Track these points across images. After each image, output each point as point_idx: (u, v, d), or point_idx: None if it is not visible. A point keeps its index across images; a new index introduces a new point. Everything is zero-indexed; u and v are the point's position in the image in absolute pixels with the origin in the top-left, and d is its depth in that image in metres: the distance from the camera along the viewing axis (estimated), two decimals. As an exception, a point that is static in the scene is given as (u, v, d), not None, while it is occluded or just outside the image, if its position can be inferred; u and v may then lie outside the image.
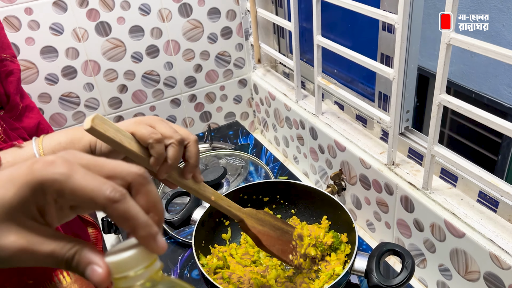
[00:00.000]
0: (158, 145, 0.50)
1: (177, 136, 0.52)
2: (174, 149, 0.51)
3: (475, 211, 0.80)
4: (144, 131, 0.50)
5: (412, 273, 0.66)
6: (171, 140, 0.51)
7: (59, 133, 0.53)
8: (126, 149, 0.49)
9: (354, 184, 1.06)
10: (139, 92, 1.27)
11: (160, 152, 0.50)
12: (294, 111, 1.21)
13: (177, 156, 0.52)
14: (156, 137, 0.50)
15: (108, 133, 0.46)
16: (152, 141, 0.49)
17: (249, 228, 0.64)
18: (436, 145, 0.81)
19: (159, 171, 0.52)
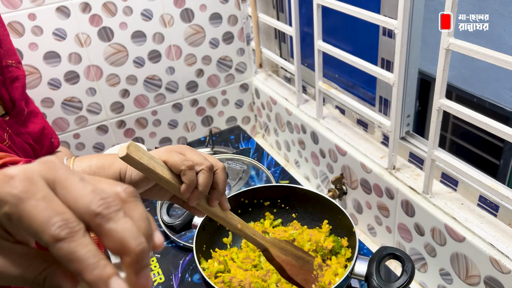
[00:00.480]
0: (190, 172, 0.51)
1: (207, 163, 0.53)
2: (204, 176, 0.52)
3: (476, 215, 0.80)
4: (177, 158, 0.51)
5: (412, 277, 0.66)
6: (202, 167, 0.52)
7: (92, 157, 0.54)
8: (159, 176, 0.50)
9: (355, 189, 1.06)
10: (141, 96, 1.28)
11: (192, 179, 0.51)
12: (295, 115, 1.22)
13: (208, 182, 0.53)
14: (188, 164, 0.51)
15: (142, 160, 0.48)
16: (184, 168, 0.51)
17: (274, 258, 0.64)
18: (436, 150, 0.81)
19: (189, 198, 0.53)
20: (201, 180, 0.52)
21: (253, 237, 0.62)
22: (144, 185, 0.54)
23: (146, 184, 0.54)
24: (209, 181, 0.53)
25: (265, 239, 0.64)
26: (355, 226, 0.77)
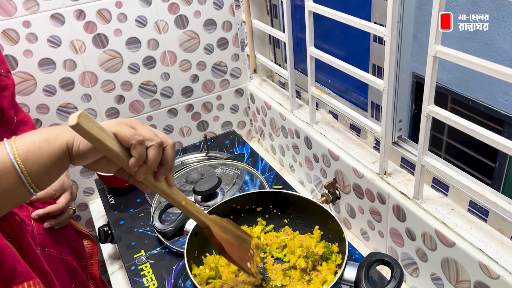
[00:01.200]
0: (140, 146, 0.52)
1: (157, 139, 0.53)
2: (154, 151, 0.53)
3: (465, 221, 0.81)
4: (127, 132, 0.51)
5: (400, 282, 0.66)
6: (152, 143, 0.53)
7: (32, 133, 0.54)
8: (108, 148, 0.50)
9: (348, 193, 1.06)
10: (136, 102, 1.29)
11: (142, 154, 0.52)
12: (289, 120, 1.22)
13: (157, 158, 0.54)
14: (138, 138, 0.51)
15: (92, 131, 0.47)
16: (134, 142, 0.51)
17: (213, 235, 0.65)
18: (426, 155, 0.82)
19: (137, 172, 0.53)
20: (150, 155, 0.53)
21: (195, 214, 0.63)
22: (92, 156, 0.53)
23: (94, 155, 0.53)
24: (158, 157, 0.53)
25: (207, 217, 0.65)
26: (346, 232, 0.78)
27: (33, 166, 0.51)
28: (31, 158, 0.51)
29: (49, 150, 0.51)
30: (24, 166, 0.50)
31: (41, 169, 0.51)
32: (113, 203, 1.16)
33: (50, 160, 0.51)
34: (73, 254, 0.95)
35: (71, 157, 0.53)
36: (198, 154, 1.31)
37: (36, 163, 0.51)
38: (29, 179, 0.51)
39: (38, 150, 0.51)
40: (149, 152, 0.53)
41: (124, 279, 1.04)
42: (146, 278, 0.92)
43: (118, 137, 0.51)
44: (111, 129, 0.52)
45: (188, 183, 1.15)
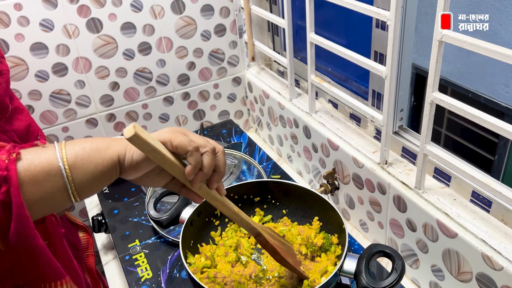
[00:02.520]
0: (196, 153, 0.51)
1: (210, 145, 0.53)
2: (209, 157, 0.52)
3: (468, 211, 0.79)
4: (183, 138, 0.51)
5: (402, 275, 0.64)
6: (206, 149, 0.52)
7: (84, 140, 0.52)
8: (165, 158, 0.49)
9: (347, 184, 1.04)
10: (131, 89, 1.26)
11: (198, 160, 0.51)
12: (288, 109, 1.20)
13: (212, 164, 0.53)
14: (194, 145, 0.51)
15: (149, 140, 0.47)
16: (191, 149, 0.51)
17: (267, 241, 0.65)
18: (429, 144, 0.80)
19: (193, 180, 0.53)
20: (205, 161, 0.52)
21: (247, 221, 0.62)
22: (145, 167, 0.52)
23: (146, 166, 0.52)
24: (213, 163, 0.53)
25: (256, 224, 0.65)
26: (346, 223, 0.76)
27: (79, 174, 0.49)
28: (79, 165, 0.49)
29: (98, 159, 0.50)
30: (71, 172, 0.48)
31: (87, 178, 0.49)
32: (107, 192, 1.13)
33: (97, 170, 0.50)
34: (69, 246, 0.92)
35: (122, 169, 0.52)
36: (195, 143, 1.29)
37: (82, 171, 0.49)
38: (72, 186, 0.49)
39: (87, 157, 0.49)
40: (204, 158, 0.52)
41: (118, 269, 1.02)
42: (140, 268, 0.90)
43: (174, 144, 0.50)
44: (166, 136, 0.51)
45: (184, 172, 1.12)
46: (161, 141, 0.51)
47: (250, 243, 0.83)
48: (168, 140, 0.51)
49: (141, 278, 0.88)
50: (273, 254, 0.67)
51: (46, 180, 0.47)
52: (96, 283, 0.97)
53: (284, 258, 0.67)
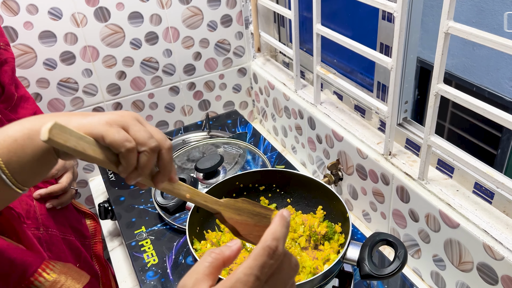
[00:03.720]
0: (130, 154, 0.46)
1: (151, 143, 0.47)
2: (146, 158, 0.47)
3: (470, 202, 0.80)
4: (117, 136, 0.45)
5: (404, 263, 0.66)
6: (144, 148, 0.47)
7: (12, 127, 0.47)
8: (91, 157, 0.45)
9: (351, 174, 1.05)
10: (137, 79, 1.27)
11: (131, 162, 0.46)
12: (293, 100, 1.21)
13: (149, 164, 0.48)
14: (128, 146, 0.45)
15: (68, 143, 0.42)
16: (124, 151, 0.45)
17: (225, 220, 0.61)
18: (433, 136, 0.81)
19: (127, 178, 0.48)
20: (141, 161, 0.47)
21: (204, 203, 0.59)
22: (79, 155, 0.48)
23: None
24: (151, 162, 0.48)
25: (218, 202, 0.61)
26: (349, 212, 0.77)
27: (16, 167, 0.47)
28: (13, 159, 0.46)
29: (32, 148, 0.47)
30: (7, 167, 0.46)
31: (26, 169, 0.47)
32: (113, 180, 1.15)
33: (34, 159, 0.47)
34: (76, 234, 0.94)
35: (58, 153, 0.48)
36: (200, 133, 1.30)
37: (19, 164, 0.47)
38: (13, 181, 0.47)
39: (20, 149, 0.47)
40: (141, 158, 0.47)
41: (124, 256, 1.04)
42: (146, 254, 0.92)
43: (106, 141, 0.45)
44: (98, 130, 0.45)
45: (190, 161, 1.14)
46: (92, 135, 0.45)
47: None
48: (100, 135, 0.45)
49: (147, 264, 0.90)
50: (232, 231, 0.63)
51: None
52: (104, 269, 0.98)
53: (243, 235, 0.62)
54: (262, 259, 0.39)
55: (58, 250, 0.80)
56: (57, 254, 0.79)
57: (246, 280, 0.38)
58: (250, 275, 0.38)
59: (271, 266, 0.39)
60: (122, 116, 0.47)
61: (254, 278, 0.38)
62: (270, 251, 0.39)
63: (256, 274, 0.38)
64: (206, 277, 0.40)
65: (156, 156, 0.49)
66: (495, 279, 0.73)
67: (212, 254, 0.41)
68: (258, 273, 0.38)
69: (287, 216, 0.42)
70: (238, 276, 0.38)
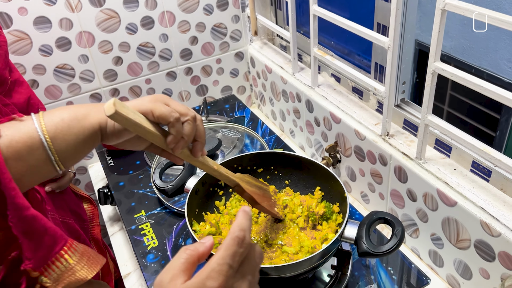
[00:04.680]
0: (177, 123, 0.52)
1: (191, 113, 0.54)
2: (190, 126, 0.53)
3: (468, 180, 0.80)
4: (164, 109, 0.51)
5: (401, 240, 0.66)
6: (187, 117, 0.53)
7: (61, 109, 0.52)
8: (146, 130, 0.51)
9: (349, 156, 1.06)
10: (134, 64, 1.26)
11: (179, 130, 0.53)
12: (291, 84, 1.21)
13: (193, 132, 0.54)
14: (176, 116, 0.51)
15: (129, 116, 0.48)
16: (172, 120, 0.51)
17: (244, 190, 0.68)
18: (430, 115, 0.81)
19: (175, 148, 0.54)
20: (186, 130, 0.53)
21: (226, 175, 0.66)
22: (126, 135, 0.54)
23: (128, 134, 0.54)
24: (194, 131, 0.54)
25: (235, 175, 0.68)
26: (347, 192, 0.77)
27: (61, 144, 0.49)
28: (59, 136, 0.49)
29: (79, 128, 0.50)
30: (53, 143, 0.49)
31: (70, 148, 0.50)
32: (112, 166, 1.15)
33: (79, 139, 0.51)
34: (75, 217, 0.94)
35: (104, 136, 0.53)
36: (198, 118, 1.30)
37: (64, 141, 0.50)
38: (56, 157, 0.50)
39: (67, 128, 0.50)
40: (185, 127, 0.53)
41: (125, 240, 1.04)
42: (146, 237, 0.93)
43: (156, 115, 0.51)
44: (147, 106, 0.51)
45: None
46: (142, 112, 0.51)
47: (253, 211, 0.85)
48: (149, 110, 0.51)
49: (147, 247, 0.90)
50: (250, 201, 0.70)
51: (30, 154, 0.48)
52: (103, 252, 0.99)
53: (260, 203, 0.71)
54: (233, 248, 0.43)
55: None
56: None
57: (220, 269, 0.41)
58: (223, 264, 0.42)
59: (241, 255, 0.44)
60: (160, 95, 0.54)
61: (227, 267, 0.42)
62: (239, 240, 0.43)
63: (229, 263, 0.42)
64: (182, 273, 0.42)
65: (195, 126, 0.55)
66: (492, 255, 0.74)
67: (187, 251, 0.44)
68: (230, 261, 0.42)
69: (248, 211, 0.47)
70: (213, 266, 0.42)
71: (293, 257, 0.75)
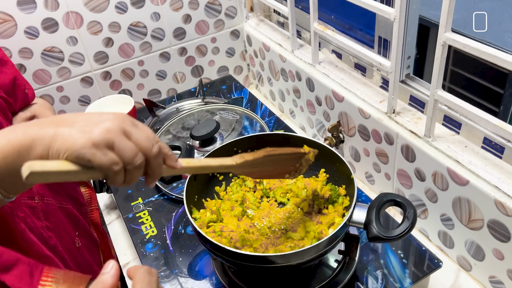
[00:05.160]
0: (117, 176, 0.45)
1: (137, 160, 0.46)
2: (132, 176, 0.47)
3: (480, 158, 0.76)
4: (104, 160, 0.44)
5: (414, 223, 0.63)
6: (130, 167, 0.46)
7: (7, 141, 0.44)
8: (77, 177, 0.44)
9: (353, 136, 1.02)
10: (125, 45, 1.21)
11: (119, 181, 0.46)
12: (290, 61, 1.15)
13: (135, 179, 0.48)
14: (116, 169, 0.45)
15: (50, 179, 0.43)
16: (111, 174, 0.45)
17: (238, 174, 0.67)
18: (440, 90, 0.76)
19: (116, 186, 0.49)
20: (128, 178, 0.47)
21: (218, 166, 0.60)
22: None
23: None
24: (137, 177, 0.48)
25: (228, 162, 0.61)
26: (354, 174, 0.73)
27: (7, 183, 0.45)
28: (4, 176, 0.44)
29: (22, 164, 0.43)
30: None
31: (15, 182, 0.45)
32: (106, 152, 1.10)
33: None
34: (72, 201, 0.90)
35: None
36: (194, 100, 1.25)
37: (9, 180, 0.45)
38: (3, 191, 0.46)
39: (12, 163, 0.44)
40: (127, 175, 0.46)
41: (122, 229, 1.01)
42: (144, 226, 0.89)
43: (93, 165, 0.44)
44: (84, 155, 0.43)
45: (185, 129, 1.09)
46: (78, 160, 0.44)
47: (255, 197, 0.81)
48: (86, 160, 0.43)
49: (146, 236, 0.87)
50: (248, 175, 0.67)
51: None
52: (103, 237, 0.96)
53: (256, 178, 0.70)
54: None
55: (55, 219, 0.77)
56: (55, 223, 0.76)
57: None
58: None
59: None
60: (108, 130, 0.44)
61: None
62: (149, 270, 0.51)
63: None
64: None
65: (143, 169, 0.48)
66: (507, 235, 0.71)
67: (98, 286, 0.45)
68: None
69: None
70: None
71: (298, 243, 0.72)
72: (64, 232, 0.78)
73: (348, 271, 0.74)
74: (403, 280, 0.72)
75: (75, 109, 1.22)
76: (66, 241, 0.77)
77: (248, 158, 0.62)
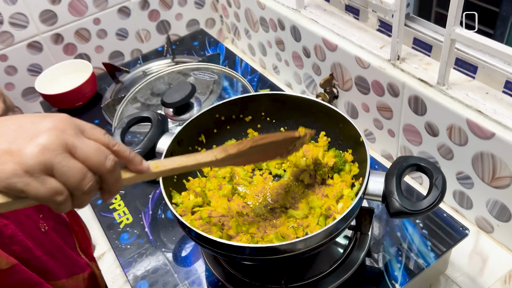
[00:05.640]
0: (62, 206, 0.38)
1: (86, 182, 0.38)
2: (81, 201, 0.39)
3: (505, 105, 0.66)
4: (42, 191, 0.36)
5: (443, 192, 0.51)
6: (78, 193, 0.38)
7: None
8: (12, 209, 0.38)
9: (349, 90, 0.89)
10: (76, 1, 1.03)
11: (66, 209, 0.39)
12: (270, 8, 1.00)
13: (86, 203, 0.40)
14: (59, 200, 0.37)
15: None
16: (54, 205, 0.38)
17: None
18: (458, 27, 0.64)
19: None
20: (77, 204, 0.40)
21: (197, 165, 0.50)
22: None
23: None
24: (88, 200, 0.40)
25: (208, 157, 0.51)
26: (363, 134, 0.61)
27: None
28: None
29: None
30: None
31: None
32: (66, 128, 0.95)
33: None
34: None
35: None
36: (163, 61, 1.09)
37: None
38: None
39: None
40: (76, 201, 0.39)
41: (92, 216, 0.88)
42: (117, 213, 0.76)
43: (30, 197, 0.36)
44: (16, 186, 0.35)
45: (155, 96, 0.95)
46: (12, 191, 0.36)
47: (246, 170, 0.69)
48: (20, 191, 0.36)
49: (120, 224, 0.74)
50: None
51: None
52: (74, 218, 0.84)
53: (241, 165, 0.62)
54: None
55: None
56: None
57: None
58: None
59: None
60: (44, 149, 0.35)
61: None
62: None
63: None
64: None
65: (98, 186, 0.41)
66: (543, 194, 0.61)
67: None
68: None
69: None
70: None
71: (302, 222, 0.60)
72: (24, 217, 0.68)
73: (361, 248, 0.63)
74: (426, 255, 0.62)
75: (24, 80, 1.05)
76: (28, 227, 0.67)
77: (231, 152, 0.51)
